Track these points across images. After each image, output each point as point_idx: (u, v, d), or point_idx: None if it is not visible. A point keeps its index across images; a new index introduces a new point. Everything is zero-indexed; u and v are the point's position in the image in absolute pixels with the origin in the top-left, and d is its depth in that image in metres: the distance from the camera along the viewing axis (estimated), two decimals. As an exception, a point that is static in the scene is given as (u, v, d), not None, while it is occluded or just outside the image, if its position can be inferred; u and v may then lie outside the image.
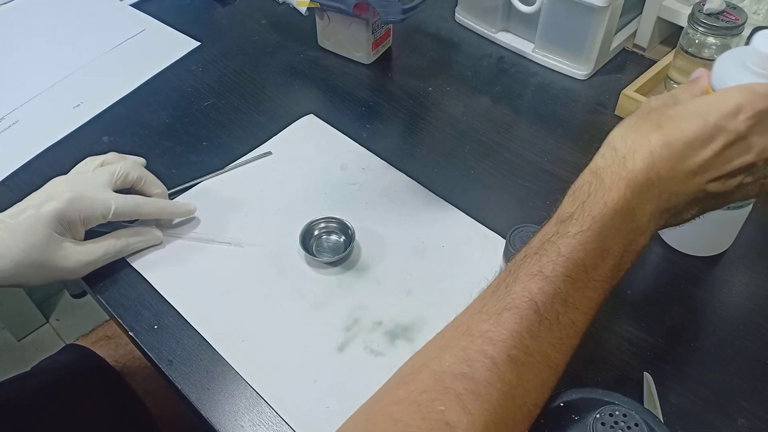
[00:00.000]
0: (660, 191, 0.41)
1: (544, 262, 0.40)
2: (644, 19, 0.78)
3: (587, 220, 0.40)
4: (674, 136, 0.41)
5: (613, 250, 0.40)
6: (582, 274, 0.40)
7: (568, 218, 0.41)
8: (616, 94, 0.72)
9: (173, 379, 0.52)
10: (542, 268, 0.40)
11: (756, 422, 0.49)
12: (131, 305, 0.57)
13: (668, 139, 0.41)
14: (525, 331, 0.38)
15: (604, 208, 0.40)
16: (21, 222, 0.53)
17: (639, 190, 0.40)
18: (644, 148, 0.41)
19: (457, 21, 0.86)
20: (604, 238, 0.40)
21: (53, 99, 0.77)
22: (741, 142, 0.41)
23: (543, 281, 0.39)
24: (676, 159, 0.41)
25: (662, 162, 0.40)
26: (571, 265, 0.39)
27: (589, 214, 0.40)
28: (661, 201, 0.41)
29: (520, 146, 0.70)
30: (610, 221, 0.40)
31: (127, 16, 0.88)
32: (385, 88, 0.77)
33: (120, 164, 0.60)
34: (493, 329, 0.38)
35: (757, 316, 0.55)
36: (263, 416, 0.50)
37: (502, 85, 0.78)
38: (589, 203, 0.41)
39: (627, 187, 0.40)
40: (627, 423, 0.37)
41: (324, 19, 0.79)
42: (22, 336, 1.54)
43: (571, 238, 0.40)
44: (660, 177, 0.41)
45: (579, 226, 0.40)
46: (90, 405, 0.70)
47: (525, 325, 0.38)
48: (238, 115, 0.74)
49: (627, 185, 0.40)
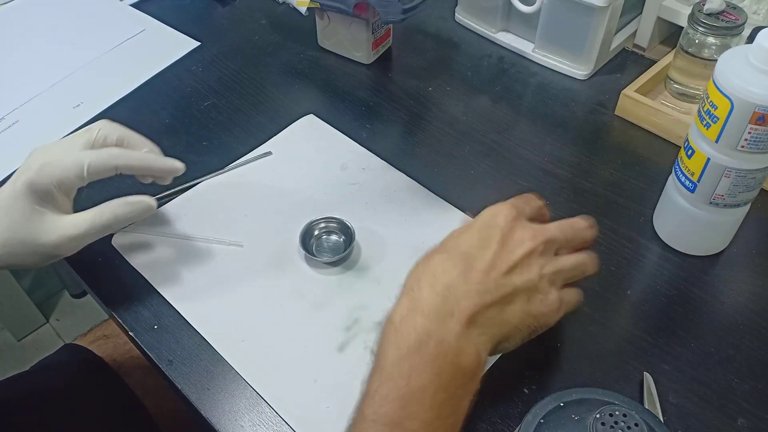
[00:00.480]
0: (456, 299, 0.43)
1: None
2: (644, 19, 0.78)
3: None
4: (450, 249, 0.46)
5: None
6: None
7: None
8: (616, 94, 0.72)
9: (173, 379, 0.52)
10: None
11: (756, 422, 0.49)
12: (131, 305, 0.57)
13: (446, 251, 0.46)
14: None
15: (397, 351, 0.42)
16: (0, 200, 0.51)
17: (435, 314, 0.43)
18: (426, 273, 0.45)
19: (457, 21, 0.86)
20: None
21: (53, 99, 0.76)
22: (510, 234, 0.46)
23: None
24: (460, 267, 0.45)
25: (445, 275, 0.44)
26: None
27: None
28: (464, 307, 0.43)
29: (520, 146, 0.70)
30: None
31: (127, 16, 0.88)
32: (385, 88, 0.77)
33: (98, 123, 0.55)
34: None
35: (757, 316, 0.55)
36: (263, 416, 0.50)
37: (502, 85, 0.78)
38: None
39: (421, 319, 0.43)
40: (627, 423, 0.37)
41: (324, 19, 0.79)
42: (22, 336, 1.54)
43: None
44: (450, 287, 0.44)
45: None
46: (89, 405, 0.70)
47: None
48: (238, 115, 0.74)
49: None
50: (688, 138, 0.54)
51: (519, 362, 0.52)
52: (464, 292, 0.43)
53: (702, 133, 0.52)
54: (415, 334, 0.42)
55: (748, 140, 0.49)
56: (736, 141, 0.50)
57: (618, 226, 0.62)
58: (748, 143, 0.49)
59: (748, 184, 0.53)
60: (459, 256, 0.45)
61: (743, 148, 0.50)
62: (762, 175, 0.52)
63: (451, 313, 0.42)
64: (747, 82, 0.47)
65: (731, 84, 0.48)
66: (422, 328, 0.42)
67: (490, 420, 0.49)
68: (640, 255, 0.60)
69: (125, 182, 0.67)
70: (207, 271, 0.59)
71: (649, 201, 0.63)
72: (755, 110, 0.47)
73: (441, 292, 0.43)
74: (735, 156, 0.51)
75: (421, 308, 0.43)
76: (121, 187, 0.67)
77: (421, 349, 0.41)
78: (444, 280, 0.44)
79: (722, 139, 0.50)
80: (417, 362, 0.41)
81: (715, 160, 0.52)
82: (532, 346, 0.53)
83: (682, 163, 0.56)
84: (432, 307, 0.43)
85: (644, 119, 0.71)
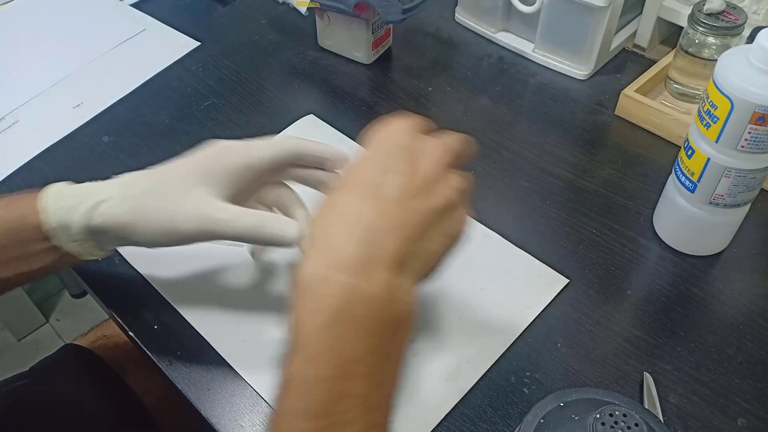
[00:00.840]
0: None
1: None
2: (644, 19, 0.78)
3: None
4: (354, 185, 0.40)
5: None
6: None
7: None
8: (616, 94, 0.72)
9: (173, 379, 0.52)
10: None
11: (756, 422, 0.49)
12: (131, 305, 0.57)
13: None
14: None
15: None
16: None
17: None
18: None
19: (457, 21, 0.86)
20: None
21: (53, 99, 0.76)
22: (414, 150, 0.40)
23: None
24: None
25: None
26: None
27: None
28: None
29: (520, 146, 0.70)
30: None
31: (127, 16, 0.88)
32: (385, 88, 0.77)
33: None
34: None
35: (757, 316, 0.55)
36: (263, 416, 0.50)
37: (502, 85, 0.78)
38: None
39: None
40: (627, 423, 0.37)
41: (324, 19, 0.79)
42: (22, 336, 1.54)
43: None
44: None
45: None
46: (89, 405, 0.69)
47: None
48: (238, 115, 0.74)
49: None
50: (688, 138, 0.54)
51: (519, 362, 0.52)
52: (386, 231, 0.37)
53: (702, 133, 0.52)
54: (338, 297, 0.35)
55: (748, 140, 0.49)
56: (736, 141, 0.50)
57: (618, 226, 0.62)
58: (748, 143, 0.49)
59: (748, 184, 0.53)
60: (367, 190, 0.38)
61: (743, 148, 0.50)
62: (762, 175, 0.52)
63: (378, 260, 0.36)
64: (747, 82, 0.47)
65: (731, 84, 0.48)
66: (346, 287, 0.35)
67: (490, 420, 0.49)
68: (640, 255, 0.60)
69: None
70: (207, 272, 0.59)
71: (649, 201, 0.63)
72: (755, 110, 0.47)
73: (361, 237, 0.37)
74: (735, 156, 0.51)
75: (339, 262, 0.36)
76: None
77: (346, 314, 0.35)
78: (360, 223, 0.37)
79: (722, 139, 0.50)
80: (343, 331, 0.35)
81: (715, 160, 0.52)
82: (532, 346, 0.53)
83: (682, 163, 0.56)
84: (353, 259, 0.36)
85: (644, 119, 0.71)
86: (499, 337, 0.54)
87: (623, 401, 0.40)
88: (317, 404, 0.34)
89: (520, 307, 0.56)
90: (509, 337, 0.54)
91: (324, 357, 0.35)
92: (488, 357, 0.53)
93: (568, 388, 0.41)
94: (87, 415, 0.69)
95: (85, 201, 0.46)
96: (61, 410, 0.67)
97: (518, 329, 0.54)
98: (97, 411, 0.70)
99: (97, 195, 0.46)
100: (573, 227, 0.62)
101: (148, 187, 0.47)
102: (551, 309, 0.56)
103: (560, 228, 0.62)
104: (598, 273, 0.58)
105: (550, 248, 0.60)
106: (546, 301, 0.56)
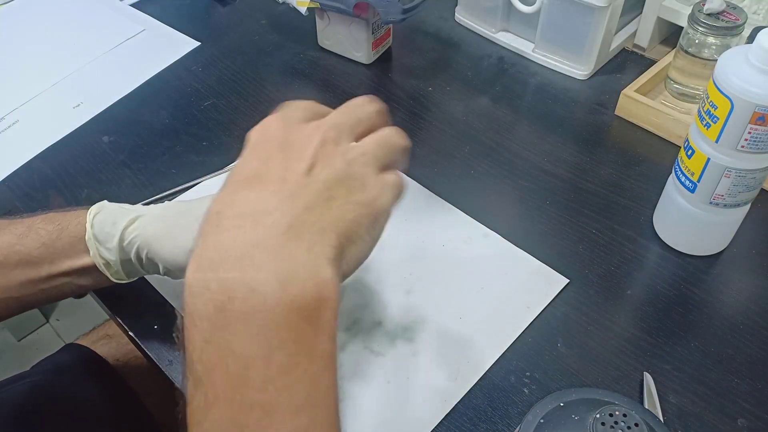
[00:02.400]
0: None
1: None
2: (644, 19, 0.78)
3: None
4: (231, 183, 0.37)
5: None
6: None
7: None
8: (616, 94, 0.72)
9: (174, 379, 0.52)
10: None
11: (756, 422, 0.49)
12: (131, 305, 0.57)
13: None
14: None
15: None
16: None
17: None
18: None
19: (457, 21, 0.86)
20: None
21: (53, 99, 0.77)
22: (288, 138, 0.39)
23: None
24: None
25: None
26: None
27: None
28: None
29: (520, 146, 0.70)
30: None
31: (127, 16, 0.88)
32: (385, 88, 0.77)
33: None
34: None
35: (757, 316, 0.55)
36: (263, 416, 0.50)
37: (502, 85, 0.78)
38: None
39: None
40: (627, 423, 0.37)
41: (324, 19, 0.79)
42: (22, 336, 1.54)
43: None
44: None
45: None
46: (90, 405, 0.69)
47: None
48: (238, 115, 0.74)
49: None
50: (688, 138, 0.54)
51: (519, 362, 0.52)
52: (268, 209, 0.34)
53: (702, 133, 0.52)
54: (213, 298, 0.31)
55: (748, 140, 0.49)
56: (736, 141, 0.50)
57: (618, 226, 0.62)
58: (748, 143, 0.49)
59: (748, 184, 0.53)
60: (246, 183, 0.36)
61: (743, 148, 0.50)
62: (762, 175, 0.52)
63: (262, 244, 0.32)
64: (747, 82, 0.47)
65: (731, 84, 0.48)
66: (222, 286, 0.31)
67: (490, 420, 0.49)
68: (640, 255, 0.60)
69: (124, 182, 0.67)
70: (207, 271, 0.59)
71: (649, 201, 0.63)
72: (755, 110, 0.47)
73: (242, 221, 0.33)
74: (735, 156, 0.51)
75: (218, 258, 0.32)
76: (121, 187, 0.67)
77: (222, 316, 0.31)
78: (242, 210, 0.34)
79: (722, 139, 0.50)
80: (225, 339, 0.31)
81: (715, 160, 0.52)
82: (532, 346, 0.53)
83: (682, 163, 0.56)
84: (234, 246, 0.32)
85: (644, 119, 0.71)
86: (499, 337, 0.54)
87: (623, 401, 0.40)
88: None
89: (520, 307, 0.56)
90: (509, 337, 0.54)
91: (215, 375, 0.31)
92: (488, 357, 0.53)
93: (568, 388, 0.41)
94: (88, 414, 0.69)
95: (123, 217, 0.49)
96: (62, 410, 0.67)
97: (518, 329, 0.54)
98: (97, 410, 0.70)
99: (134, 212, 0.50)
100: (573, 227, 0.62)
101: (180, 209, 0.49)
102: (551, 309, 0.56)
103: (560, 228, 0.62)
104: (598, 273, 0.58)
105: (550, 248, 0.60)
106: (546, 301, 0.56)
